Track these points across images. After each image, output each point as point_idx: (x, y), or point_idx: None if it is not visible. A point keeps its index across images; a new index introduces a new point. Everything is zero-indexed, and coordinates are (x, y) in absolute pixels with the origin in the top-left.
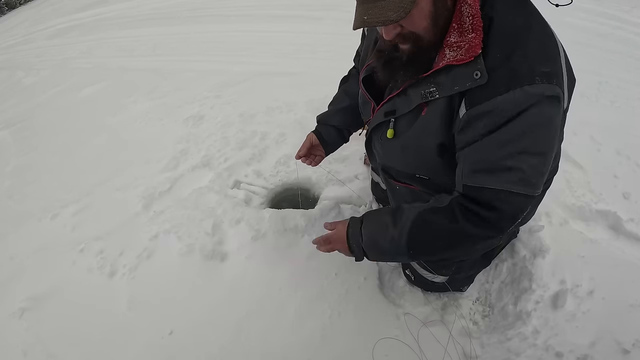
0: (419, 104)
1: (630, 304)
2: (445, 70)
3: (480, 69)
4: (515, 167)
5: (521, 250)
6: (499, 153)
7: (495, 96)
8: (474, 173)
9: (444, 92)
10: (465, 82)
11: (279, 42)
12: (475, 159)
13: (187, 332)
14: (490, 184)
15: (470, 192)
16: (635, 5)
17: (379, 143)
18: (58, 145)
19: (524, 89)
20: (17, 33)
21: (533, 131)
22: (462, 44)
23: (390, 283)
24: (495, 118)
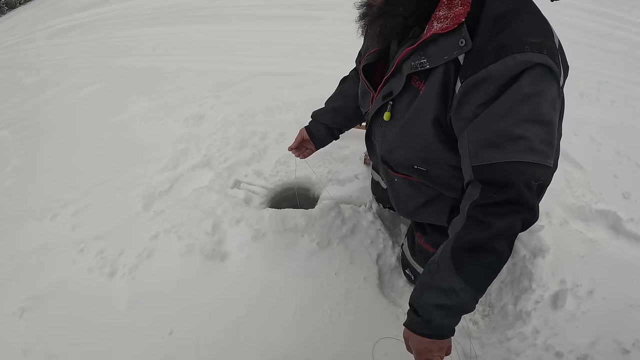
0: (414, 81)
1: (630, 304)
2: (433, 40)
3: (465, 37)
4: (520, 135)
5: (521, 250)
6: (500, 124)
7: (486, 65)
8: (480, 150)
9: (434, 62)
10: (452, 50)
11: (278, 41)
12: (478, 137)
13: (187, 332)
14: (498, 158)
15: (480, 174)
16: (635, 5)
17: (379, 131)
18: (58, 144)
19: (514, 56)
20: (17, 33)
21: (529, 99)
22: (449, 15)
23: (390, 283)
24: (489, 86)
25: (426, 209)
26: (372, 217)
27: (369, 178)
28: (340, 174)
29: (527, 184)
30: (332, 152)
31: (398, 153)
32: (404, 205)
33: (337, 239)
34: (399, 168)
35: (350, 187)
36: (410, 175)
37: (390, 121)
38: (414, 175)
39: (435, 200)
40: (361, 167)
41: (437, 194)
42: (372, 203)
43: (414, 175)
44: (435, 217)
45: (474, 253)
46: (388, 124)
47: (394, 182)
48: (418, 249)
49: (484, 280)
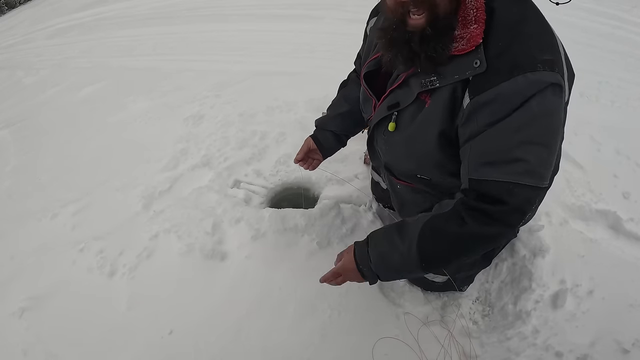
0: (421, 95)
1: (630, 304)
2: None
3: (480, 58)
4: (521, 157)
5: (521, 250)
6: (504, 144)
7: (498, 84)
8: (480, 166)
9: (445, 80)
10: (465, 71)
11: (278, 41)
12: (480, 151)
13: (187, 332)
14: (495, 176)
15: (476, 186)
16: (636, 4)
17: (382, 139)
18: (58, 144)
19: (527, 75)
20: (16, 32)
21: (537, 120)
22: (464, 35)
23: (390, 282)
24: (499, 106)
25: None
26: (372, 217)
27: (369, 177)
28: (340, 173)
29: (522, 209)
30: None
31: (402, 163)
32: (406, 210)
33: (337, 238)
34: (402, 176)
35: (350, 187)
36: (413, 183)
37: (395, 132)
38: (416, 183)
39: None
40: (361, 167)
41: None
42: (372, 203)
43: (416, 183)
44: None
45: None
46: (392, 134)
47: (396, 188)
48: None
49: (433, 261)
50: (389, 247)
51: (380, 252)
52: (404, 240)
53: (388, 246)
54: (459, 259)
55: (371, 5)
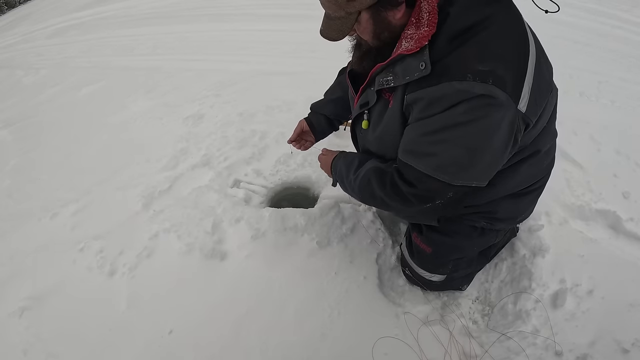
0: (384, 94)
1: (630, 303)
2: (400, 60)
3: (425, 60)
4: (434, 153)
5: (521, 250)
6: (423, 138)
7: (426, 87)
8: (403, 151)
9: (398, 81)
10: (413, 72)
11: (278, 41)
12: (406, 139)
13: (187, 331)
14: (412, 163)
15: (401, 166)
16: (635, 4)
17: (360, 136)
18: (58, 144)
19: (452, 84)
20: (16, 32)
21: (460, 126)
22: (414, 35)
23: (390, 282)
24: (426, 106)
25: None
26: (371, 217)
27: None
28: None
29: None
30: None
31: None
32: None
33: (337, 238)
34: None
35: None
36: None
37: (368, 130)
38: None
39: None
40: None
41: None
42: None
43: None
44: (424, 219)
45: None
46: (366, 132)
47: None
48: (415, 249)
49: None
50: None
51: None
52: (357, 172)
53: (347, 168)
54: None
55: None
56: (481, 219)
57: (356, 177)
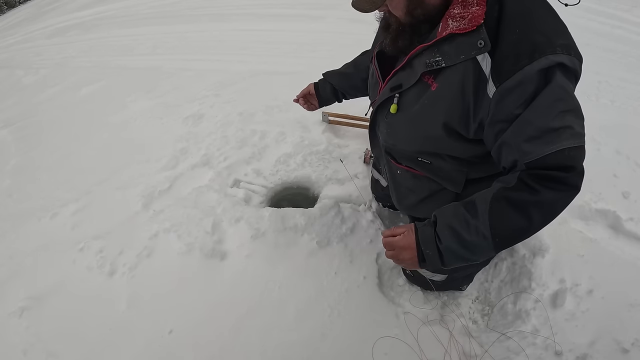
0: (424, 77)
1: (630, 303)
2: (449, 39)
3: (484, 38)
4: (564, 125)
5: (521, 249)
6: (546, 119)
7: (522, 67)
8: (530, 146)
9: (450, 60)
10: (470, 51)
11: (278, 40)
12: (526, 132)
13: (187, 331)
14: (549, 150)
15: (536, 165)
16: (635, 4)
17: (384, 122)
18: (58, 144)
19: (548, 57)
20: (16, 32)
21: (567, 92)
22: (465, 14)
23: (389, 282)
24: (526, 87)
25: (427, 203)
26: (371, 216)
27: (369, 177)
28: (340, 173)
29: (576, 164)
30: (332, 152)
31: (403, 145)
32: (404, 199)
33: (337, 238)
34: (403, 160)
35: (349, 186)
36: (413, 167)
37: (397, 114)
38: (417, 167)
39: (437, 195)
40: (361, 166)
41: (439, 187)
42: (372, 202)
43: (417, 167)
44: None
45: (512, 208)
46: (394, 116)
47: (396, 174)
48: None
49: (507, 238)
50: (460, 224)
51: (453, 231)
52: (477, 215)
53: (459, 224)
54: (530, 228)
55: None
56: None
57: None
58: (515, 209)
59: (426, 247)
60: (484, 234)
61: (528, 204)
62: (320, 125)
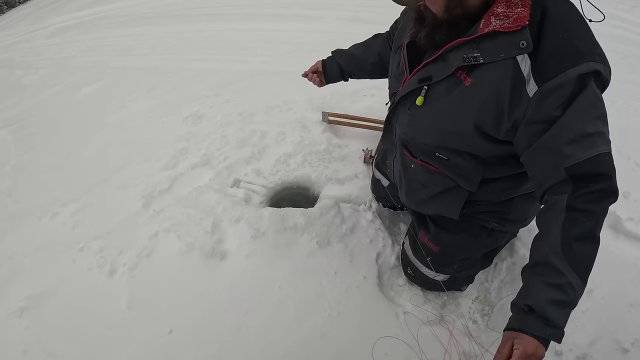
0: (457, 72)
1: (630, 303)
2: (491, 36)
3: (527, 39)
4: (598, 131)
5: (520, 250)
6: (583, 123)
7: (565, 70)
8: (570, 149)
9: (489, 57)
10: (511, 50)
11: (278, 40)
12: (566, 136)
13: (187, 331)
14: (588, 154)
15: (574, 171)
16: (635, 4)
17: (406, 113)
18: (57, 144)
19: (589, 64)
20: (16, 32)
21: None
22: (509, 14)
23: (389, 282)
24: (565, 90)
25: (439, 200)
26: (371, 216)
27: (369, 177)
28: (340, 172)
29: (612, 170)
30: (332, 151)
31: (423, 138)
32: (414, 194)
33: (337, 238)
34: (419, 154)
35: (349, 186)
36: (429, 162)
37: (423, 106)
38: (433, 163)
39: (450, 192)
40: (361, 166)
41: (453, 185)
42: (372, 202)
43: (433, 163)
44: (447, 210)
45: (583, 243)
46: (419, 108)
47: (409, 168)
48: (421, 247)
49: (590, 269)
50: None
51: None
52: (560, 275)
53: (553, 293)
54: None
55: (370, 5)
56: (493, 218)
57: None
58: (587, 241)
59: (545, 334)
60: (577, 283)
61: (593, 228)
62: (320, 125)
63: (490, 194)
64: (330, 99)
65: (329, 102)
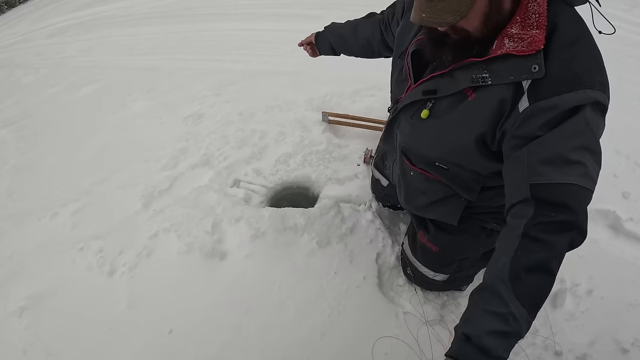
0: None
1: (629, 303)
2: (502, 58)
3: (539, 64)
4: (579, 161)
5: None
6: (564, 146)
7: (560, 93)
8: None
9: (498, 79)
10: (521, 74)
11: (278, 40)
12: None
13: (187, 331)
14: (559, 178)
15: (538, 192)
16: (635, 4)
17: (408, 123)
18: (57, 144)
19: (586, 91)
20: (16, 32)
21: (589, 130)
22: (524, 36)
23: (389, 282)
24: (556, 113)
25: (438, 206)
26: (371, 216)
27: (369, 177)
28: (340, 172)
29: (582, 207)
30: (332, 152)
31: (424, 150)
32: (413, 200)
33: (337, 238)
34: (418, 163)
35: (349, 186)
36: (428, 171)
37: (427, 119)
38: (433, 172)
39: (449, 199)
40: (361, 166)
41: (452, 192)
42: (372, 202)
43: (433, 172)
44: (446, 216)
45: (533, 274)
46: (423, 121)
47: (408, 175)
48: (420, 247)
49: (540, 302)
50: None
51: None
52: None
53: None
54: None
55: (370, 5)
56: (492, 219)
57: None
58: (538, 272)
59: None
60: (520, 315)
61: (547, 261)
62: (320, 125)
63: (488, 199)
64: (330, 99)
65: (329, 102)
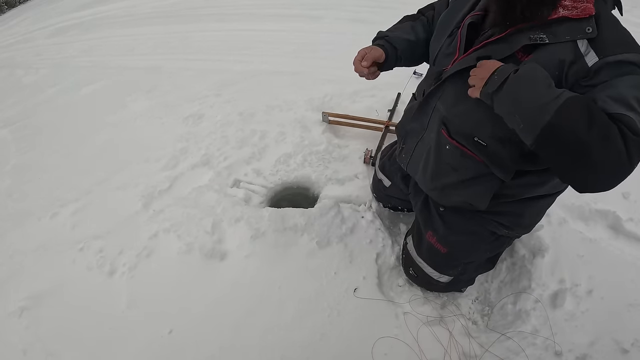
0: (518, 52)
1: (629, 304)
2: (558, 21)
3: (592, 26)
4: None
5: (520, 250)
6: (628, 92)
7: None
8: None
9: (555, 39)
10: (577, 34)
11: (279, 41)
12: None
13: (187, 331)
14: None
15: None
16: (635, 4)
17: (454, 91)
18: (58, 144)
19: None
20: (16, 32)
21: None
22: (577, 5)
23: (389, 282)
24: (621, 68)
25: (468, 186)
26: (371, 217)
27: (369, 177)
28: (340, 173)
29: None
30: (332, 152)
31: (470, 121)
32: (441, 177)
33: (337, 238)
34: (458, 136)
35: (349, 187)
36: (466, 146)
37: None
38: (470, 147)
39: (481, 178)
40: (361, 167)
41: (485, 172)
42: (372, 202)
43: (470, 147)
44: (476, 198)
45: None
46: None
47: (443, 148)
48: (427, 247)
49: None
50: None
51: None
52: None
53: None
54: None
55: (370, 5)
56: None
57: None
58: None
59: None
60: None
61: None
62: (320, 125)
63: (517, 188)
64: (331, 99)
65: (329, 102)
